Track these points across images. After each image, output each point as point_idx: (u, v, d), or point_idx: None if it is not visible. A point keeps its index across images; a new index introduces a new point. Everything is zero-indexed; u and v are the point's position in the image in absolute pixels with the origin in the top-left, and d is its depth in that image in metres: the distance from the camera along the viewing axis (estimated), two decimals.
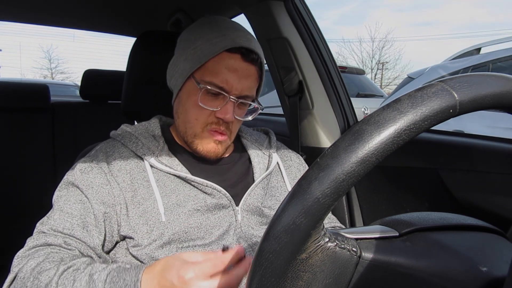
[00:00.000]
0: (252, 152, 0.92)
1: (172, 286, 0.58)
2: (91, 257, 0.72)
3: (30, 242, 0.72)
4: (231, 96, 0.78)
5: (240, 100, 0.80)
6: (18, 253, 0.71)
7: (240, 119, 0.84)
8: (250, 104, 0.85)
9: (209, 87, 0.78)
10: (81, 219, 0.73)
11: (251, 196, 0.83)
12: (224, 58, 0.78)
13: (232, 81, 0.78)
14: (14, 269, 0.69)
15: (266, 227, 0.32)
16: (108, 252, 0.77)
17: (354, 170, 0.29)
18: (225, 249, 0.62)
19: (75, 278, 0.64)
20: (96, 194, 0.75)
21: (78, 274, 0.65)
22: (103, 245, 0.75)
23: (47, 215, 0.75)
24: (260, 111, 0.87)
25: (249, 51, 0.79)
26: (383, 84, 21.24)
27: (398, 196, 1.19)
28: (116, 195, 0.76)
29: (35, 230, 0.74)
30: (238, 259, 0.60)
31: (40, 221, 0.75)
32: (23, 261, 0.69)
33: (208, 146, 0.82)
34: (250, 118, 0.86)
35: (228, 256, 0.59)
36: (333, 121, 1.30)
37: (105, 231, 0.75)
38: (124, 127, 0.87)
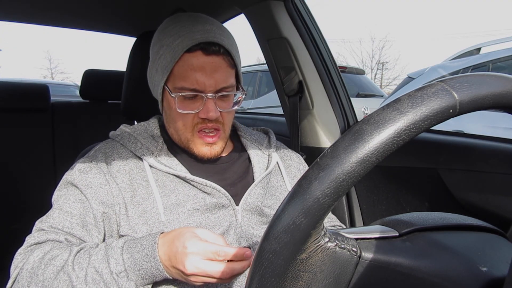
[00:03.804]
0: (251, 151, 0.92)
1: (176, 253, 0.62)
2: None
3: (30, 239, 0.72)
4: (207, 94, 0.77)
5: (219, 94, 0.79)
6: (19, 251, 0.71)
7: (227, 111, 0.82)
8: (235, 94, 0.84)
9: (181, 94, 0.77)
10: (81, 219, 0.74)
11: (251, 195, 0.83)
12: (186, 60, 0.77)
13: (202, 80, 0.76)
14: (18, 264, 0.69)
15: (266, 226, 0.32)
16: None
17: (354, 170, 0.29)
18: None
19: (91, 254, 0.66)
20: (95, 194, 0.75)
21: (92, 250, 0.67)
22: None
23: (47, 214, 0.76)
24: (244, 96, 0.85)
25: (208, 44, 0.77)
26: (383, 84, 21.24)
27: (398, 196, 1.19)
28: (115, 195, 0.76)
29: (34, 228, 0.75)
30: (241, 257, 0.63)
31: (39, 219, 0.76)
32: (27, 255, 0.69)
33: (202, 149, 0.82)
34: (236, 107, 0.84)
35: (233, 251, 0.62)
36: (333, 121, 1.30)
37: (104, 230, 0.76)
38: (123, 127, 0.87)
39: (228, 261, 0.62)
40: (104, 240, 0.76)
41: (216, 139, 0.82)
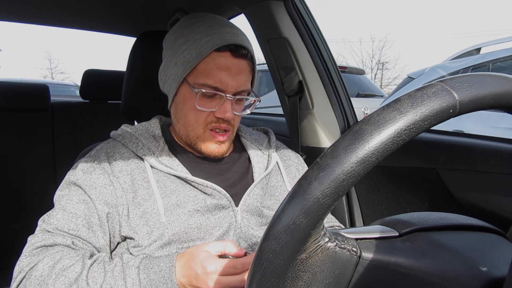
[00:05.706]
0: (251, 151, 0.92)
1: (196, 275, 0.64)
2: None
3: (34, 240, 0.71)
4: (227, 95, 0.78)
5: (237, 97, 0.80)
6: (24, 252, 0.70)
7: (240, 114, 0.84)
8: (247, 98, 0.85)
9: (204, 90, 0.77)
10: (86, 220, 0.73)
11: (251, 196, 0.83)
12: (214, 58, 0.77)
13: (226, 80, 0.77)
14: (24, 268, 0.67)
15: (265, 227, 0.32)
16: (110, 253, 0.77)
17: (354, 170, 0.29)
18: (247, 254, 0.67)
19: (106, 270, 0.66)
20: (99, 194, 0.75)
21: (108, 265, 0.67)
22: (107, 246, 0.75)
23: (48, 213, 0.75)
24: (258, 102, 0.87)
25: (238, 46, 0.78)
26: (383, 84, 21.24)
27: (398, 196, 1.19)
28: (119, 196, 0.76)
29: (38, 228, 0.73)
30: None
31: (42, 218, 0.74)
32: (34, 260, 0.68)
33: (211, 147, 0.82)
34: (248, 111, 0.86)
35: (249, 260, 0.63)
36: (333, 121, 1.30)
37: (109, 231, 0.75)
38: (124, 127, 0.87)
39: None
40: (110, 241, 0.76)
41: (227, 137, 0.83)
